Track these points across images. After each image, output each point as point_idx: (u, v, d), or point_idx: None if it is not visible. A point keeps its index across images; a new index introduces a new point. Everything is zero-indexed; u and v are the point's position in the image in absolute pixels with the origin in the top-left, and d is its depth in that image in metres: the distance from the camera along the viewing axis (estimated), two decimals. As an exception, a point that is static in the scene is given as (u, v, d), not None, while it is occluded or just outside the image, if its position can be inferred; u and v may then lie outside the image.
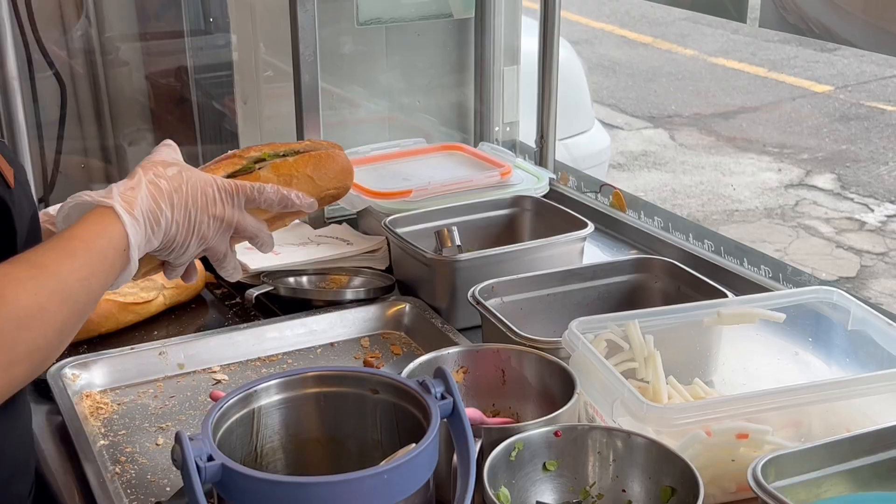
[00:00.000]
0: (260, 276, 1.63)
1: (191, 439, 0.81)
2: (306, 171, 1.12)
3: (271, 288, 1.58)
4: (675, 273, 1.49)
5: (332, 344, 1.52)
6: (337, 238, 1.81)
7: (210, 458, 0.81)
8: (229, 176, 1.09)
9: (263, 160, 1.12)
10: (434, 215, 1.70)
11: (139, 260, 0.99)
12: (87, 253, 0.96)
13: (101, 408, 1.34)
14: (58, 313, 0.90)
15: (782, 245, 4.49)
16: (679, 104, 6.44)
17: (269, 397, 0.94)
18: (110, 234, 0.97)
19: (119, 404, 1.35)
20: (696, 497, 0.95)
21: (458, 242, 1.56)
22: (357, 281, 1.67)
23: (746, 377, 1.34)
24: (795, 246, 4.51)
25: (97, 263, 0.96)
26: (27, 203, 1.06)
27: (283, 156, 1.14)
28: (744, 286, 1.58)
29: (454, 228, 1.58)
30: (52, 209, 1.15)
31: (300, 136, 1.90)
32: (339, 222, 1.91)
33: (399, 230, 1.64)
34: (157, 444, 1.26)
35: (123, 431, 1.29)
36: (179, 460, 0.80)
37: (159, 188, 1.02)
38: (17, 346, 0.85)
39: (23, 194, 1.05)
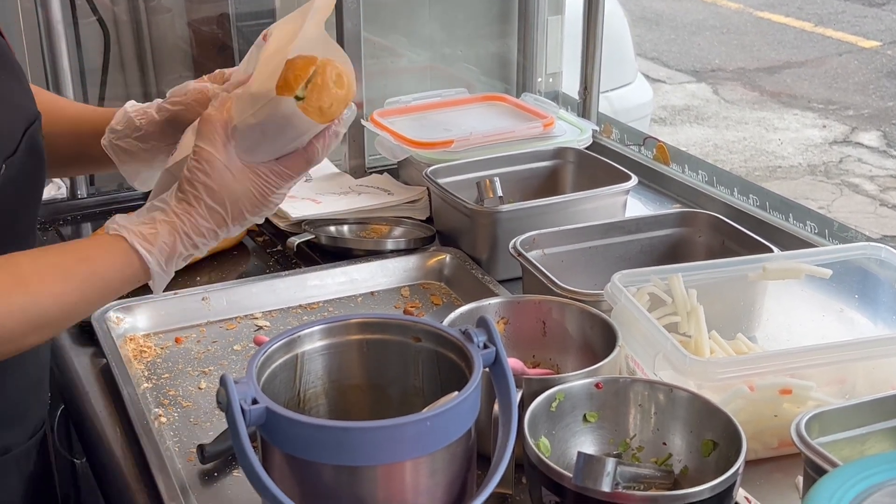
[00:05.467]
0: (301, 225, 1.63)
1: (235, 382, 0.82)
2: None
3: (312, 236, 1.59)
4: (720, 227, 1.47)
5: (372, 293, 1.52)
6: (378, 188, 1.81)
7: (254, 402, 0.81)
8: None
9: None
10: (475, 166, 1.69)
11: None
12: (88, 280, 0.95)
13: (145, 351, 1.35)
14: (17, 331, 0.90)
15: (825, 202, 4.43)
16: (723, 58, 6.34)
17: (313, 343, 0.94)
18: (126, 268, 0.96)
19: (162, 348, 1.37)
20: (739, 451, 0.95)
21: (499, 193, 1.55)
22: (398, 231, 1.67)
23: (790, 333, 1.33)
24: (839, 203, 4.45)
25: (96, 291, 0.95)
26: None
27: None
28: (789, 242, 1.56)
29: (496, 179, 1.57)
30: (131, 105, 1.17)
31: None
32: (380, 172, 1.90)
33: (440, 180, 1.63)
34: (200, 388, 1.28)
35: (167, 375, 1.31)
36: (224, 403, 0.81)
37: (193, 242, 0.98)
38: None
39: None
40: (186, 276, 1.55)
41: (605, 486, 0.88)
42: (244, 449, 0.79)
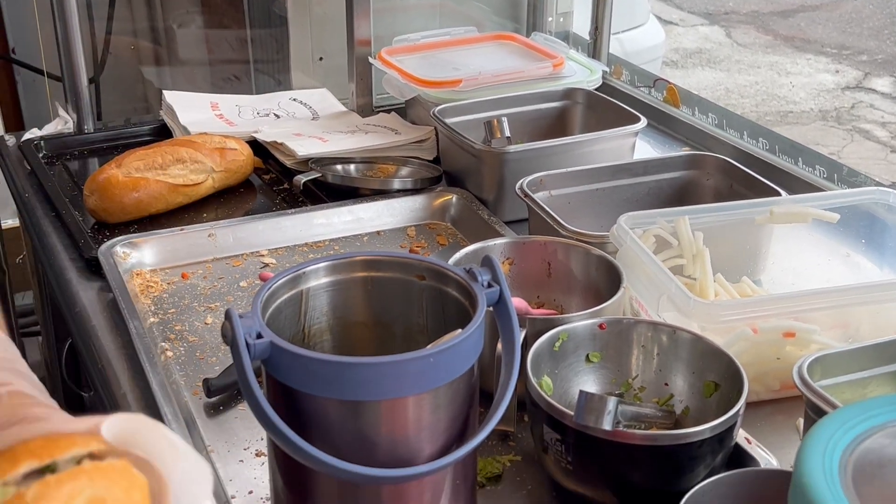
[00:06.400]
0: (308, 163, 1.63)
1: (240, 317, 0.82)
2: None
3: (319, 175, 1.58)
4: (728, 170, 1.46)
5: (378, 232, 1.52)
6: (385, 127, 1.80)
7: (259, 336, 0.81)
8: None
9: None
10: (484, 106, 1.68)
11: None
12: None
13: (151, 286, 1.36)
14: None
15: (836, 148, 4.40)
16: (737, 0, 6.25)
17: (318, 279, 0.94)
18: None
19: (169, 283, 1.37)
20: (740, 393, 0.95)
21: (507, 134, 1.54)
22: (404, 171, 1.66)
23: (796, 277, 1.32)
24: (849, 149, 4.42)
25: None
26: None
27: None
28: (797, 186, 1.55)
29: (504, 119, 1.55)
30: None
31: (350, 23, 1.87)
32: (388, 111, 1.89)
33: (448, 120, 1.62)
34: (206, 324, 1.28)
35: (173, 310, 1.31)
36: (229, 337, 0.81)
37: None
38: None
39: None
40: (193, 213, 1.56)
41: (606, 425, 0.89)
42: (248, 382, 0.80)
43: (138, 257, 1.40)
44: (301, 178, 1.57)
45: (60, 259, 1.43)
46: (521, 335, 0.92)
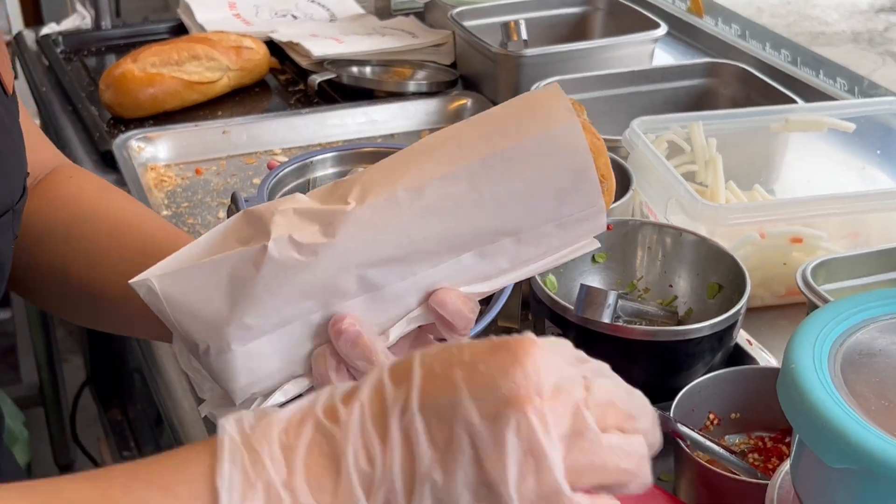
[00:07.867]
0: (323, 64, 1.62)
1: (246, 201, 0.83)
2: None
3: (334, 75, 1.58)
4: (747, 79, 1.45)
5: (392, 135, 1.52)
6: (402, 30, 1.78)
7: (264, 220, 0.82)
8: None
9: None
10: (502, 10, 1.66)
11: None
12: None
13: (165, 181, 1.37)
14: None
15: (866, 72, 4.32)
16: (773, -82, 6.09)
17: (325, 170, 0.95)
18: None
19: (182, 178, 1.38)
20: (742, 293, 0.96)
21: (524, 37, 1.53)
22: (420, 74, 1.65)
23: (809, 188, 1.31)
24: (880, 74, 4.33)
25: None
26: None
27: None
28: (817, 98, 1.53)
29: (521, 22, 1.53)
30: None
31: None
32: (406, 14, 1.87)
33: (465, 23, 1.60)
34: (219, 218, 1.29)
35: (186, 204, 1.33)
36: (234, 220, 0.82)
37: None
38: None
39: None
40: (208, 110, 1.56)
41: (606, 318, 0.89)
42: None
43: (153, 152, 1.41)
44: (316, 78, 1.56)
45: (77, 152, 1.44)
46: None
